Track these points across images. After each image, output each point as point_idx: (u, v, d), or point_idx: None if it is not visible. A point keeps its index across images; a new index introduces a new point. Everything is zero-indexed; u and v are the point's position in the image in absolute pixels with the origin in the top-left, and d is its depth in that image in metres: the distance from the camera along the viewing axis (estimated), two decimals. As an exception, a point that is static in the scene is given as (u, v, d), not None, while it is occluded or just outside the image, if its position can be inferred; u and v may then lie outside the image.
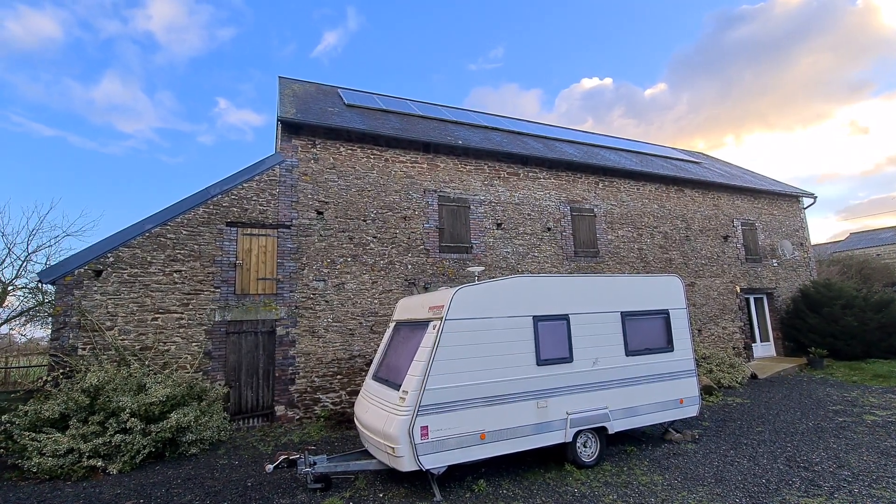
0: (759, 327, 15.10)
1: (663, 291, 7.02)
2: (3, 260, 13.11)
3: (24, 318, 14.12)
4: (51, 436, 6.09)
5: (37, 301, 13.69)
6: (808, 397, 9.42)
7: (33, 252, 13.43)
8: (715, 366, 11.12)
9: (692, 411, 6.81)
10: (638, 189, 13.56)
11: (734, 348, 13.81)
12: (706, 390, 9.46)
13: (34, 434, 6.11)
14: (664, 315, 6.88)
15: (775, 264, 15.56)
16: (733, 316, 14.14)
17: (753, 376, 11.76)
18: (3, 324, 13.84)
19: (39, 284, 12.83)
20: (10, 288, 13.24)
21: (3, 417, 6.29)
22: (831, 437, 6.71)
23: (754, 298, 15.22)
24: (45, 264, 13.06)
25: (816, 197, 16.86)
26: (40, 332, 15.13)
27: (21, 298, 13.83)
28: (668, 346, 6.79)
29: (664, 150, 18.51)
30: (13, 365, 12.84)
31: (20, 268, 13.22)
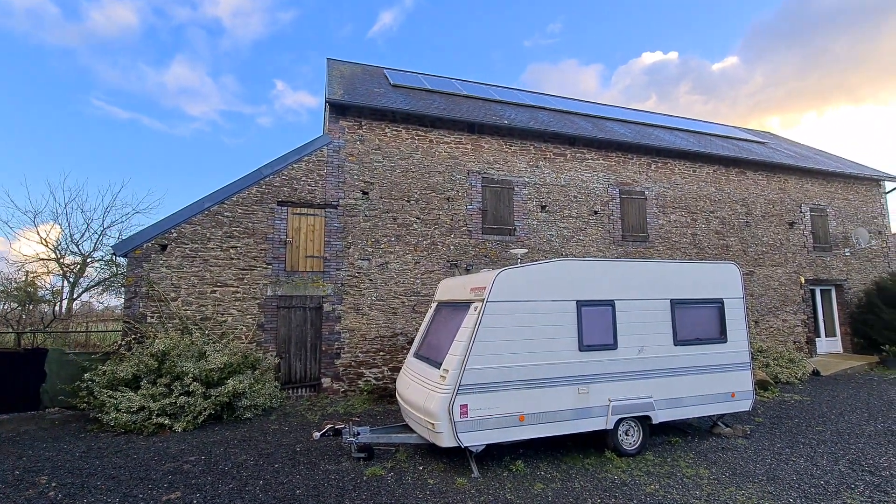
0: (824, 321, 14.04)
1: (718, 279, 6.65)
2: (83, 234, 14.44)
3: (100, 288, 15.56)
4: (125, 394, 6.72)
5: (111, 272, 15.01)
6: (878, 398, 8.71)
7: (108, 227, 14.70)
8: (772, 360, 10.50)
9: (744, 406, 6.48)
10: (694, 171, 12.80)
11: (795, 342, 12.95)
12: (761, 385, 8.96)
13: (111, 392, 6.76)
14: (718, 304, 6.54)
15: (847, 254, 14.30)
16: (796, 308, 13.22)
17: (815, 373, 11.01)
18: (83, 292, 15.31)
19: (113, 257, 14.04)
20: (88, 259, 14.57)
21: (85, 376, 7.00)
22: (903, 442, 6.20)
23: (821, 290, 14.13)
24: (118, 239, 14.24)
25: (901, 180, 15.25)
26: (115, 301, 16.63)
27: (98, 270, 15.23)
28: (721, 336, 6.46)
29: (726, 129, 17.29)
30: (93, 329, 14.20)
31: (97, 241, 14.51)
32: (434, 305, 6.82)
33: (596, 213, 11.48)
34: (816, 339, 13.54)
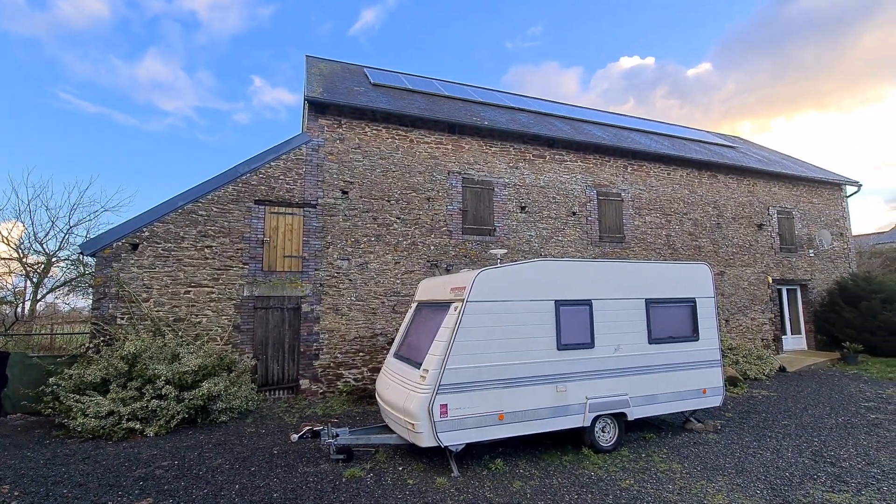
0: (790, 320, 14.62)
1: (691, 279, 6.85)
2: (48, 232, 13.85)
3: (67, 289, 14.94)
4: (93, 398, 6.48)
5: (78, 272, 14.43)
6: (839, 393, 9.12)
7: (74, 225, 14.12)
8: (741, 357, 10.87)
9: (715, 402, 6.70)
10: (668, 174, 13.14)
11: (763, 340, 13.44)
12: (731, 381, 9.27)
13: (78, 396, 6.51)
14: (690, 303, 6.73)
15: (812, 255, 14.92)
16: (763, 307, 13.71)
17: (782, 369, 11.45)
18: (48, 293, 14.68)
19: (81, 256, 13.51)
20: (53, 259, 13.98)
21: (50, 380, 6.72)
22: (861, 434, 6.51)
23: (787, 290, 14.70)
24: (86, 237, 13.70)
25: (861, 185, 15.97)
26: (82, 302, 16.02)
27: (64, 270, 14.62)
28: (694, 334, 6.66)
29: (699, 133, 17.81)
30: (58, 332, 13.64)
31: (63, 240, 13.93)
32: (414, 305, 6.81)
33: (574, 214, 11.67)
34: (783, 337, 14.09)
